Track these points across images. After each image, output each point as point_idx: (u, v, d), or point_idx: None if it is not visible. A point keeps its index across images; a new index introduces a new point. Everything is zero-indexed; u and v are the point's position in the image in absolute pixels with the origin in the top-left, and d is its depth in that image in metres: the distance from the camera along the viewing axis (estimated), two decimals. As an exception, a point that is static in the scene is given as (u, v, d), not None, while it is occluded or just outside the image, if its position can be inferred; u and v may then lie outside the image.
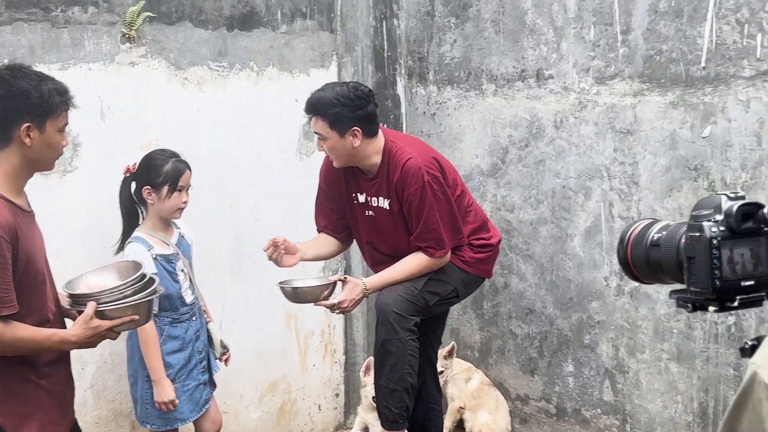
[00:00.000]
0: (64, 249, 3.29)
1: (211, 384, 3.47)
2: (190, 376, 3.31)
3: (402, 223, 3.33)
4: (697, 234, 1.26)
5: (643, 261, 1.41)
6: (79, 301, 2.43)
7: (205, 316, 3.47)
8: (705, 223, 1.26)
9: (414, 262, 3.33)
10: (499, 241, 3.61)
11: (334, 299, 3.30)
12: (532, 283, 4.07)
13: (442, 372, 4.03)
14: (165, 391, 3.17)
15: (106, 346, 3.56)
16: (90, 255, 3.38)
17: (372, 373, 4.13)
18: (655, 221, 1.44)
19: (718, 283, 1.24)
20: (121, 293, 2.42)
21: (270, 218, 4.06)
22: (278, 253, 3.31)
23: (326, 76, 4.20)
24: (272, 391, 4.18)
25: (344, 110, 3.16)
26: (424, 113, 4.45)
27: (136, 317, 2.44)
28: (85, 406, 3.53)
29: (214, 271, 3.84)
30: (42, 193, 3.34)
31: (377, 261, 3.48)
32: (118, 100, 3.53)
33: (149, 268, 3.14)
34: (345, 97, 3.17)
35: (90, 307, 2.34)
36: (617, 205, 3.68)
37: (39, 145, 2.33)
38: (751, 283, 1.26)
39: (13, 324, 2.24)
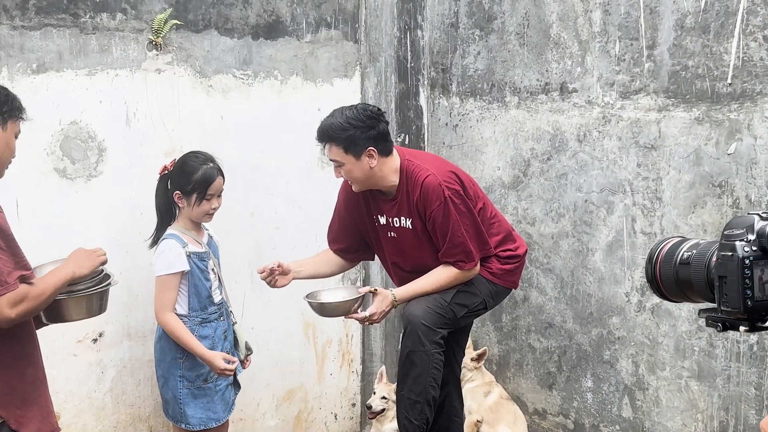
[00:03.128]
0: (87, 253, 3.31)
1: (236, 385, 3.49)
2: (221, 377, 3.34)
3: (427, 241, 3.33)
4: (729, 253, 1.25)
5: (672, 279, 1.40)
6: None
7: (232, 317, 3.49)
8: (737, 243, 1.25)
9: (444, 275, 3.32)
10: (526, 251, 3.60)
11: (364, 312, 3.29)
12: (551, 297, 4.05)
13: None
14: (217, 361, 3.20)
15: (126, 350, 3.58)
16: (113, 259, 3.38)
17: (383, 380, 4.14)
18: (685, 239, 1.43)
19: (749, 302, 1.24)
20: (93, 280, 2.53)
21: (290, 227, 4.07)
22: (272, 277, 3.34)
23: (349, 85, 4.21)
24: (289, 399, 4.19)
25: (357, 132, 3.16)
26: (447, 124, 4.45)
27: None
28: (103, 410, 3.56)
29: (234, 278, 3.84)
30: (67, 196, 3.39)
31: (404, 279, 3.47)
32: (144, 106, 3.56)
33: (183, 266, 3.19)
34: (355, 119, 3.17)
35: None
36: (640, 220, 3.66)
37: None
38: None
39: (36, 280, 2.33)
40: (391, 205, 3.33)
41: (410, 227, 3.32)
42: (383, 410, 4.10)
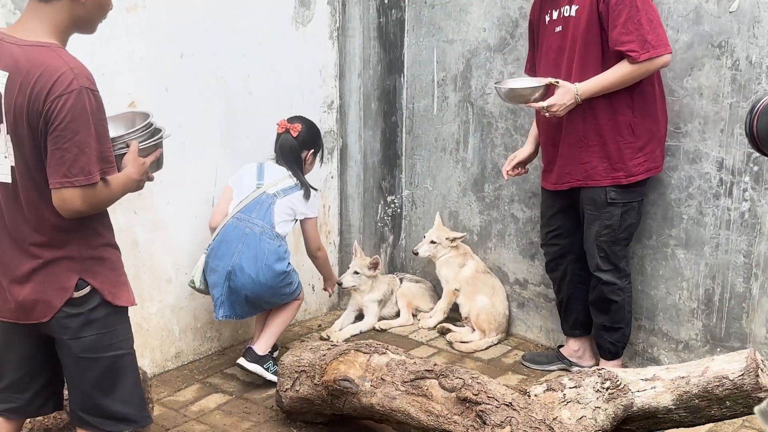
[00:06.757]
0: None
1: None
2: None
3: (596, 32, 3.18)
4: None
5: (765, 132, 1.43)
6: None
7: None
8: None
9: (622, 70, 3.15)
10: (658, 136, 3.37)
11: (544, 102, 3.24)
12: (537, 164, 3.91)
13: (435, 243, 4.13)
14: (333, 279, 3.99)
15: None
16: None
17: (358, 254, 4.11)
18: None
19: None
20: (143, 134, 2.29)
21: (263, 91, 3.86)
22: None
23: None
24: (266, 271, 4.08)
25: None
26: (429, -17, 4.18)
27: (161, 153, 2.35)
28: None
29: (203, 145, 3.66)
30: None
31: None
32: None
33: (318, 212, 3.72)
34: None
35: (133, 145, 2.24)
36: (632, 84, 3.49)
37: (93, 3, 2.14)
38: None
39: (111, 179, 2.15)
40: None
41: (574, 15, 3.20)
42: (354, 287, 4.11)
